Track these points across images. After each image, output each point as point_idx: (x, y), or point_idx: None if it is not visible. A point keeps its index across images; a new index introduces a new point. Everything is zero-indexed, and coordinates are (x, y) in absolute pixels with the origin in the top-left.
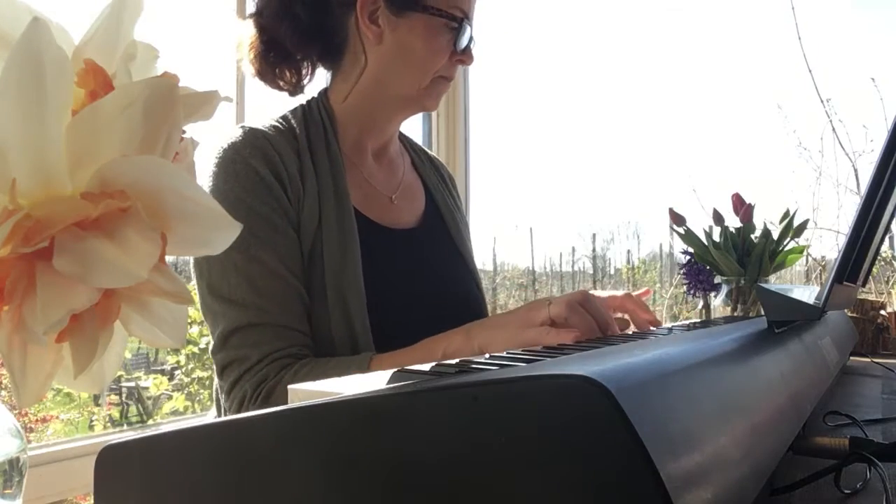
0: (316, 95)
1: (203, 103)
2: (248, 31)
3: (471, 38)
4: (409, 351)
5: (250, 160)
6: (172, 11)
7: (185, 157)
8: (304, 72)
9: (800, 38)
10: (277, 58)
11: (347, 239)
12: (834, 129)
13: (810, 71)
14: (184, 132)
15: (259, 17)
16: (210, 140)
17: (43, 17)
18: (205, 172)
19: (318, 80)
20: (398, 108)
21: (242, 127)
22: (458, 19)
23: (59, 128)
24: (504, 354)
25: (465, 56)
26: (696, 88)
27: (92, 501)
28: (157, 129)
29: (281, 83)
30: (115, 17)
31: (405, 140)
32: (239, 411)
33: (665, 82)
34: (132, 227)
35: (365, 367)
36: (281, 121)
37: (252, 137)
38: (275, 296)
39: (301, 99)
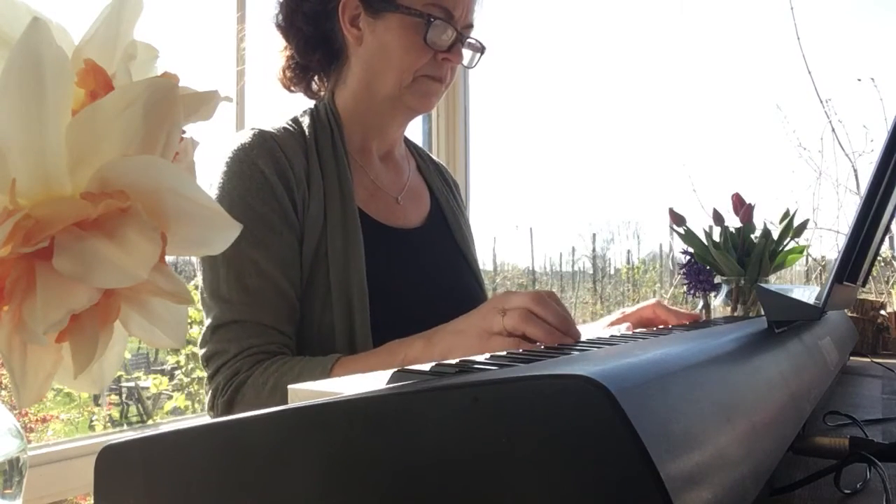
0: (324, 99)
1: (203, 103)
2: (279, 45)
3: (459, 38)
4: (372, 354)
5: (257, 161)
6: (172, 11)
7: (185, 157)
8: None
9: (799, 39)
10: (298, 70)
11: (351, 238)
12: (834, 130)
13: (810, 71)
14: (184, 132)
15: (278, 30)
16: (210, 140)
17: (43, 17)
18: (213, 174)
19: None
20: (389, 110)
21: (252, 129)
22: (425, 16)
23: (59, 128)
24: (504, 354)
25: (450, 54)
26: (695, 88)
27: (92, 501)
28: (157, 129)
29: (315, 88)
30: (115, 17)
31: (410, 145)
32: (213, 402)
33: (665, 82)
34: (132, 227)
35: (328, 368)
36: (291, 123)
37: (261, 140)
38: (261, 295)
39: (309, 103)
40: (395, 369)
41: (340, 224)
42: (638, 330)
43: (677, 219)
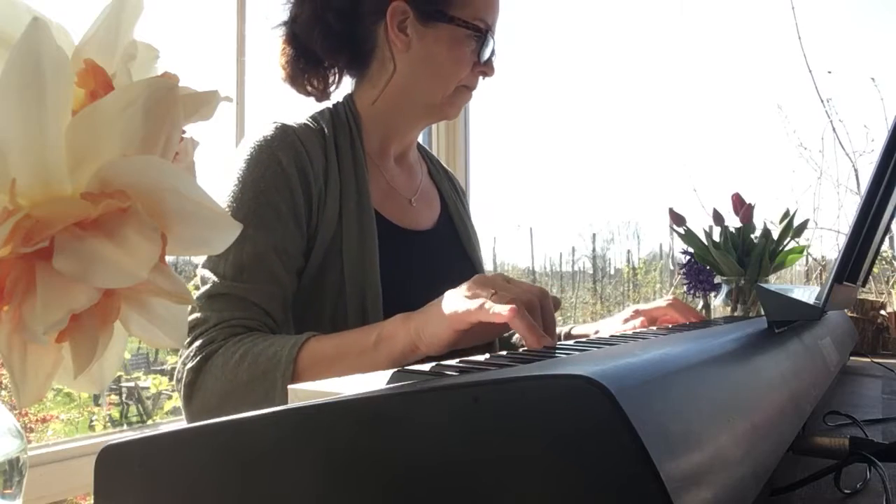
0: (342, 100)
1: (203, 103)
2: (278, 38)
3: (493, 51)
4: (349, 333)
5: (277, 153)
6: (172, 11)
7: (185, 157)
8: (331, 79)
9: (800, 38)
10: (308, 64)
11: (366, 238)
12: (834, 129)
13: (810, 71)
14: (184, 132)
15: (293, 23)
16: (210, 140)
17: (43, 17)
18: (230, 168)
19: (344, 86)
20: (421, 115)
21: (275, 123)
22: (481, 31)
23: (58, 128)
24: (504, 354)
25: (486, 67)
26: (696, 88)
27: (92, 501)
28: (157, 129)
29: (309, 88)
30: (115, 17)
31: (422, 150)
32: (182, 367)
33: (665, 82)
34: (132, 227)
35: (300, 342)
36: (311, 120)
37: (283, 133)
38: (253, 274)
39: (327, 102)
40: (396, 369)
41: (356, 223)
42: (639, 329)
43: (677, 219)
